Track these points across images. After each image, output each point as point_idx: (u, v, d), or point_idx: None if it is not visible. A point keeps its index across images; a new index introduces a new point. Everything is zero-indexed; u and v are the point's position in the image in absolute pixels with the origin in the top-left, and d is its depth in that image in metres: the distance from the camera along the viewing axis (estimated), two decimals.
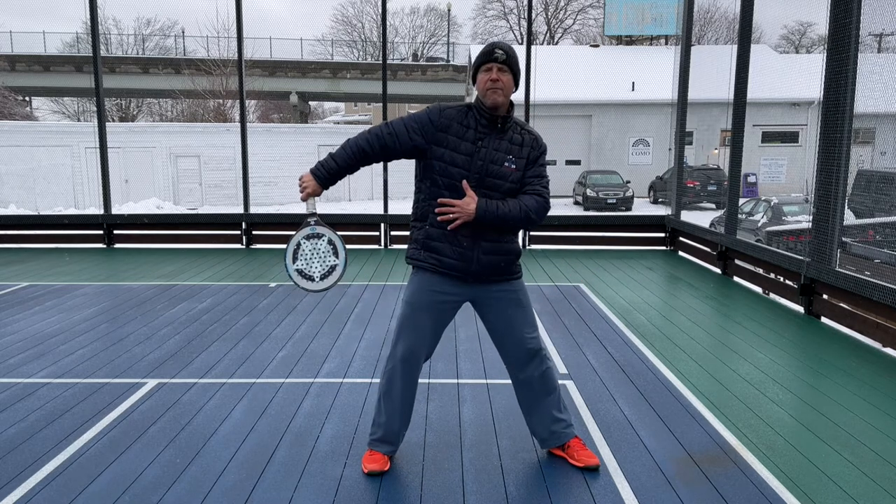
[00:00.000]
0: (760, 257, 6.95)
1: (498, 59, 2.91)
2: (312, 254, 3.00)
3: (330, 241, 3.01)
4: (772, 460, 3.26)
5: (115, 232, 10.12)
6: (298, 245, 3.00)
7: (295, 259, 3.00)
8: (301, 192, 2.96)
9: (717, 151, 28.39)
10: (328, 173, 2.95)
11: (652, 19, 35.54)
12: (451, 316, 3.13)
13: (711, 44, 35.27)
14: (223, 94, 32.81)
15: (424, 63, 40.97)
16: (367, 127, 3.18)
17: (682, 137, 9.44)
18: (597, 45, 37.78)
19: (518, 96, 10.87)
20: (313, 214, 3.03)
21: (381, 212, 10.15)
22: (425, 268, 3.02)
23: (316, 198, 2.97)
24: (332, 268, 3.00)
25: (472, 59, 3.05)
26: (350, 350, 4.97)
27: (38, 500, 2.91)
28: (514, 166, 2.98)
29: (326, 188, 2.95)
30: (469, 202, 2.87)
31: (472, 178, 2.93)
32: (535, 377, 3.15)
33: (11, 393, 4.13)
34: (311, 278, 3.00)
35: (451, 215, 2.89)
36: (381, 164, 10.10)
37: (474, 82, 2.99)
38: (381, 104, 10.31)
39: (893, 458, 3.31)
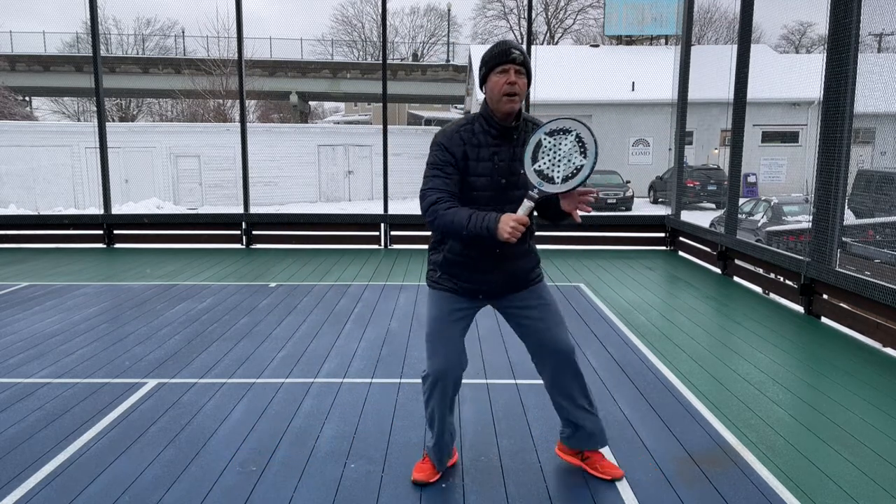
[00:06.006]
0: (760, 257, 6.95)
1: (516, 61, 2.67)
2: (555, 151, 2.63)
3: (578, 138, 2.62)
4: (772, 460, 3.26)
5: (115, 232, 10.12)
6: (539, 143, 2.64)
7: (535, 159, 2.63)
8: (523, 227, 2.61)
9: (717, 151, 28.38)
10: (484, 213, 2.66)
11: (652, 19, 35.53)
12: (469, 322, 3.01)
13: (711, 44, 35.27)
14: (223, 94, 32.82)
15: (425, 63, 41.00)
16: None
17: (682, 137, 9.44)
18: (597, 45, 37.77)
19: None
20: (531, 195, 2.65)
21: (381, 212, 10.15)
22: (441, 289, 2.96)
23: (520, 209, 2.62)
24: (578, 168, 2.60)
25: (480, 59, 2.79)
26: (350, 350, 4.97)
27: (38, 500, 2.91)
28: None
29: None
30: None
31: (497, 197, 2.81)
32: (567, 377, 3.00)
33: (11, 393, 4.13)
34: (551, 179, 2.61)
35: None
36: (382, 163, 10.13)
37: (482, 85, 2.76)
38: (381, 104, 10.31)
39: (893, 457, 3.31)
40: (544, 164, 2.64)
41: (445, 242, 2.92)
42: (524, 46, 10.33)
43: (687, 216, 9.45)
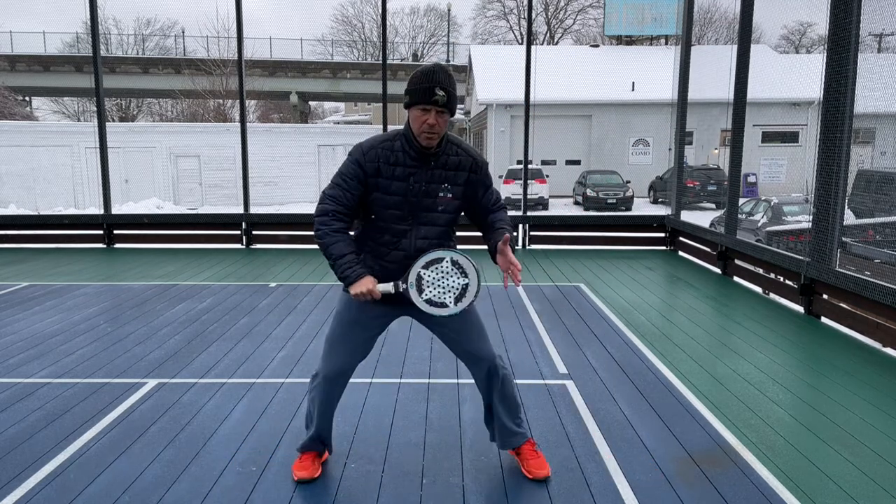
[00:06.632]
0: (760, 257, 6.95)
1: (438, 103, 2.67)
2: (438, 281, 2.77)
3: (453, 262, 2.76)
4: (772, 460, 3.26)
5: (116, 232, 10.13)
6: (419, 277, 2.76)
7: (421, 292, 2.76)
8: (370, 297, 2.74)
9: (717, 151, 28.39)
10: (358, 262, 2.77)
11: (652, 19, 35.56)
12: (381, 331, 3.04)
13: (711, 44, 35.27)
14: (223, 94, 32.83)
15: (425, 63, 40.98)
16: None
17: (682, 137, 9.44)
18: (597, 45, 37.79)
19: (518, 96, 10.85)
20: (397, 285, 2.80)
21: None
22: None
23: (380, 284, 2.76)
24: (465, 287, 2.76)
25: (409, 79, 2.79)
26: None
27: (38, 500, 2.91)
28: (450, 195, 2.85)
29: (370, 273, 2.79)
30: (511, 254, 2.76)
31: (408, 217, 2.82)
32: (485, 384, 3.06)
33: (11, 393, 4.13)
34: (444, 305, 2.77)
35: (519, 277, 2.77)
36: None
37: (407, 108, 2.76)
38: (381, 104, 10.32)
39: (893, 457, 3.31)
40: (431, 293, 2.78)
41: (364, 247, 2.91)
42: (524, 46, 10.33)
43: (687, 216, 9.45)
